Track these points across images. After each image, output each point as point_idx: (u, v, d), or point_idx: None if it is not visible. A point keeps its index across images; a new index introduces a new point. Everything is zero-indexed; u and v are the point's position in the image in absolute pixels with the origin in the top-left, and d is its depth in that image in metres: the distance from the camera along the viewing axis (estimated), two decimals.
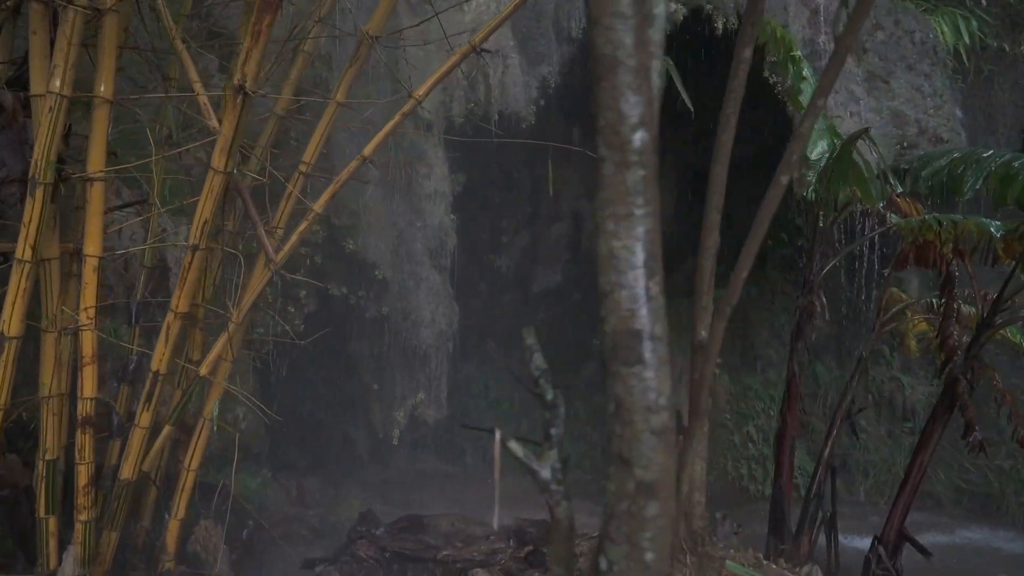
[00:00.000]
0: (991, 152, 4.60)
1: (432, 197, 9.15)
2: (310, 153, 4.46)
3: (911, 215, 5.44)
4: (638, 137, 1.27)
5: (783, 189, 3.30)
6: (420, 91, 4.26)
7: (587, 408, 12.81)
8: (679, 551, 2.98)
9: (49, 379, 3.83)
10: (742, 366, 12.10)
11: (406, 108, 4.25)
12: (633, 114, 1.26)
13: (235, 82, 3.54)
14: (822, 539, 6.58)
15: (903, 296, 7.66)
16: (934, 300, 7.01)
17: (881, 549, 5.22)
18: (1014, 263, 4.98)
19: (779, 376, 11.70)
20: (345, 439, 9.42)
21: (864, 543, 7.99)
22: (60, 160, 3.70)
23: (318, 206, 4.28)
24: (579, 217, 14.41)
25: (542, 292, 14.58)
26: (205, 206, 3.78)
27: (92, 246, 3.76)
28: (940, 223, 5.11)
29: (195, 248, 3.85)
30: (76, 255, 3.85)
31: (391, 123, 4.28)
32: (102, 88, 3.70)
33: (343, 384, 9.23)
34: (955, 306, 5.44)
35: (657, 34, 1.38)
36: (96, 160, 3.73)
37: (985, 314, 5.35)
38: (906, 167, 5.49)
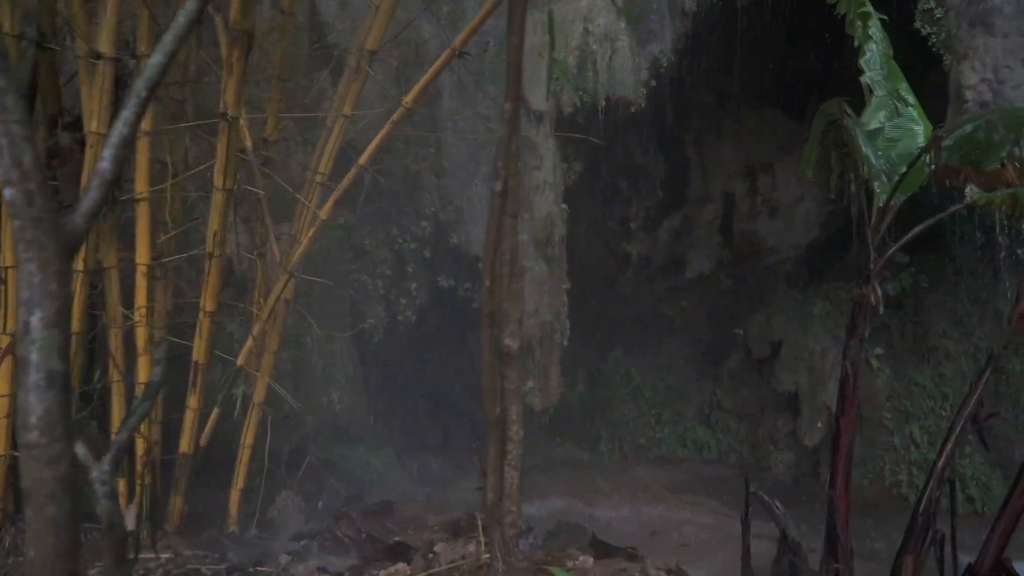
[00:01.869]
0: None
1: (541, 188, 9.27)
2: (324, 164, 4.84)
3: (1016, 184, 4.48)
4: None
5: None
6: (408, 98, 4.45)
7: (731, 399, 12.13)
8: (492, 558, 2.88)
9: (112, 367, 4.62)
10: (911, 359, 10.68)
11: (396, 116, 4.46)
12: None
13: (220, 111, 4.01)
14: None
15: None
16: None
17: None
18: None
19: (956, 372, 10.15)
20: (469, 423, 9.91)
21: None
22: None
23: (324, 213, 4.65)
24: (731, 198, 13.60)
25: (695, 278, 14.00)
26: (214, 219, 4.31)
27: (142, 255, 4.47)
28: None
29: (211, 255, 4.41)
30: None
31: (383, 131, 4.51)
32: (143, 123, 4.40)
33: (464, 372, 9.72)
34: None
35: None
36: (141, 183, 4.43)
37: None
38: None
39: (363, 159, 4.53)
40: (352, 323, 8.47)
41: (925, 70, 9.34)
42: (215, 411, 4.85)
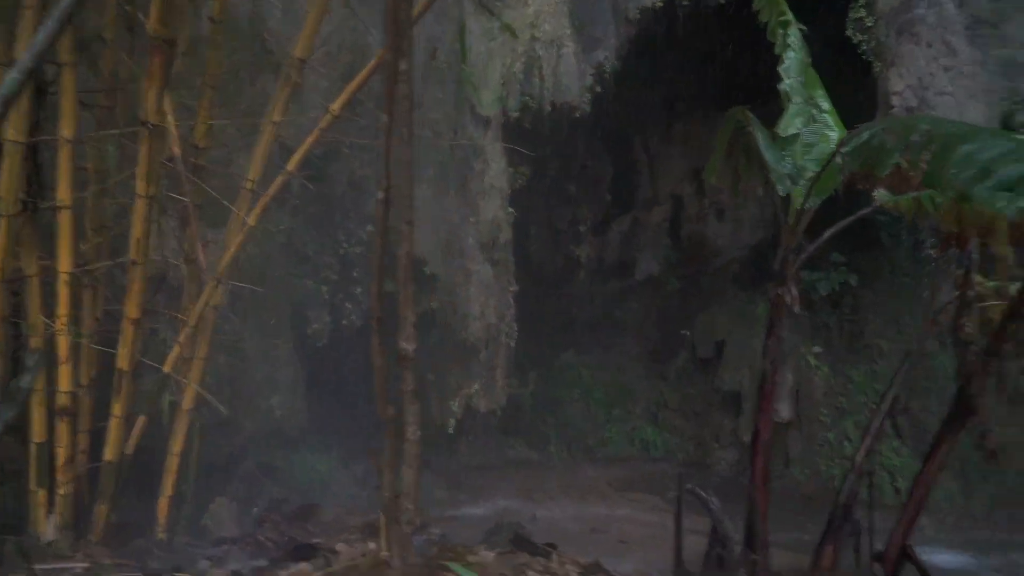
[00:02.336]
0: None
1: (487, 192, 9.37)
2: (254, 171, 4.85)
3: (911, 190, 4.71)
4: None
5: None
6: (335, 105, 4.50)
7: (677, 397, 12.40)
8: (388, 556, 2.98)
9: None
10: (848, 357, 11.06)
11: (323, 123, 4.51)
12: None
13: (140, 119, 4.02)
14: None
15: (980, 280, 6.68)
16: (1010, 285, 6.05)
17: (877, 567, 4.65)
18: None
19: (889, 369, 10.53)
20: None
21: (939, 558, 7.10)
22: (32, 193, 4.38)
23: (252, 219, 4.67)
24: (679, 200, 13.89)
25: (645, 280, 14.25)
26: (136, 227, 4.31)
27: (64, 263, 4.44)
28: (934, 202, 4.43)
29: (134, 263, 4.40)
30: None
31: (310, 138, 4.56)
32: (65, 131, 4.37)
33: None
34: (970, 293, 4.66)
35: None
36: (63, 190, 4.40)
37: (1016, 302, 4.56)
38: None
39: (291, 166, 4.57)
40: (296, 328, 8.45)
41: (861, 78, 9.70)
42: (141, 419, 4.83)
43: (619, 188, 13.48)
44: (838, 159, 4.42)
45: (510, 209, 9.57)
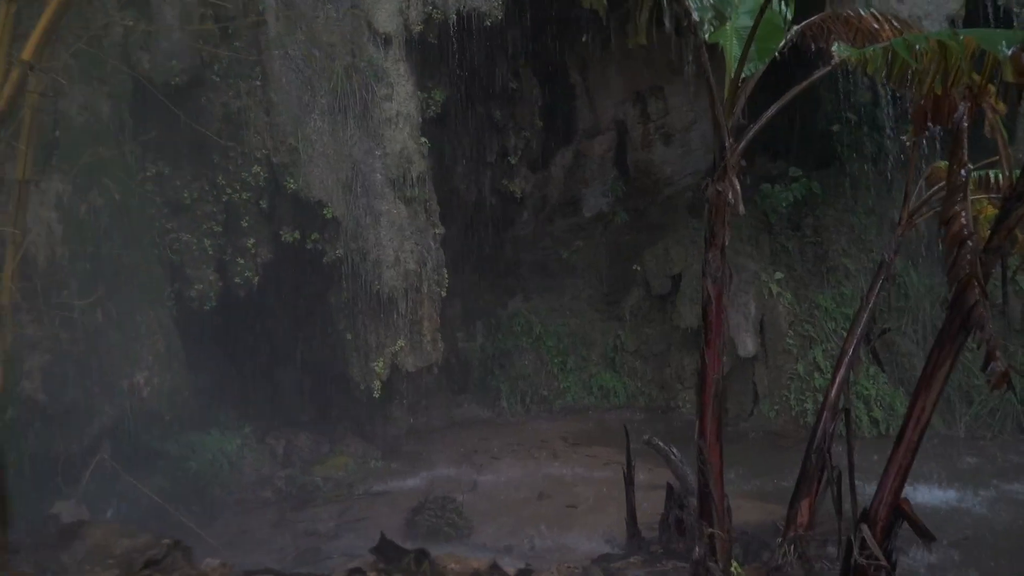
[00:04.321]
0: None
1: (393, 121, 8.07)
2: None
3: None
4: None
5: None
6: (26, 53, 3.27)
7: (635, 339, 11.43)
8: None
9: None
10: (812, 280, 10.13)
11: (14, 76, 3.27)
12: None
13: None
14: None
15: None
16: (991, 173, 5.03)
17: (866, 529, 3.68)
18: None
19: (856, 290, 9.61)
20: (332, 393, 8.81)
21: (925, 496, 6.22)
22: None
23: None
24: (623, 127, 12.69)
25: (594, 216, 13.13)
26: None
27: None
28: (911, 47, 3.33)
29: None
30: None
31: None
32: None
33: (329, 333, 8.54)
34: (961, 176, 3.61)
35: None
36: None
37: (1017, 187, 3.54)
38: None
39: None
40: (174, 291, 7.18)
41: None
42: None
43: (554, 115, 12.23)
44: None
45: (423, 139, 8.29)
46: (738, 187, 3.61)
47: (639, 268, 11.28)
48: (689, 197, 12.77)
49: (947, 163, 3.86)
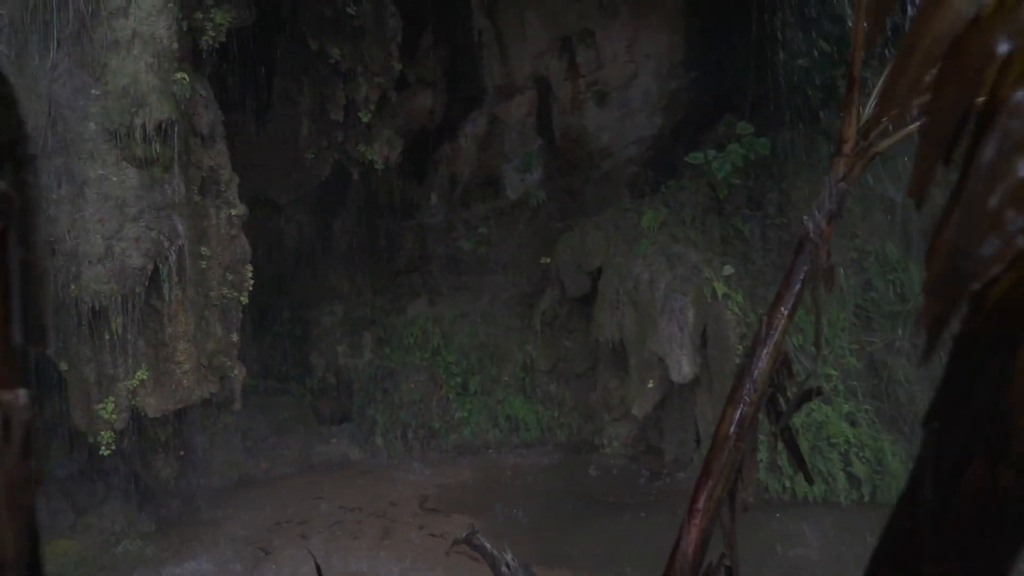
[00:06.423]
0: None
1: (125, 45, 5.43)
2: None
3: None
4: None
5: None
6: None
7: (550, 355, 8.70)
8: None
9: None
10: (771, 276, 7.41)
11: None
12: None
13: None
14: None
15: None
16: None
17: None
18: None
19: (836, 290, 6.92)
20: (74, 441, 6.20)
21: None
22: None
23: None
24: (545, 83, 10.01)
25: (519, 199, 10.47)
26: None
27: None
28: None
29: None
30: None
31: None
32: None
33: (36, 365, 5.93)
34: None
35: None
36: None
37: None
38: None
39: None
40: None
41: None
42: None
43: (455, 71, 9.63)
44: None
45: (180, 74, 5.63)
46: None
47: (549, 261, 8.59)
48: (633, 172, 10.10)
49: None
